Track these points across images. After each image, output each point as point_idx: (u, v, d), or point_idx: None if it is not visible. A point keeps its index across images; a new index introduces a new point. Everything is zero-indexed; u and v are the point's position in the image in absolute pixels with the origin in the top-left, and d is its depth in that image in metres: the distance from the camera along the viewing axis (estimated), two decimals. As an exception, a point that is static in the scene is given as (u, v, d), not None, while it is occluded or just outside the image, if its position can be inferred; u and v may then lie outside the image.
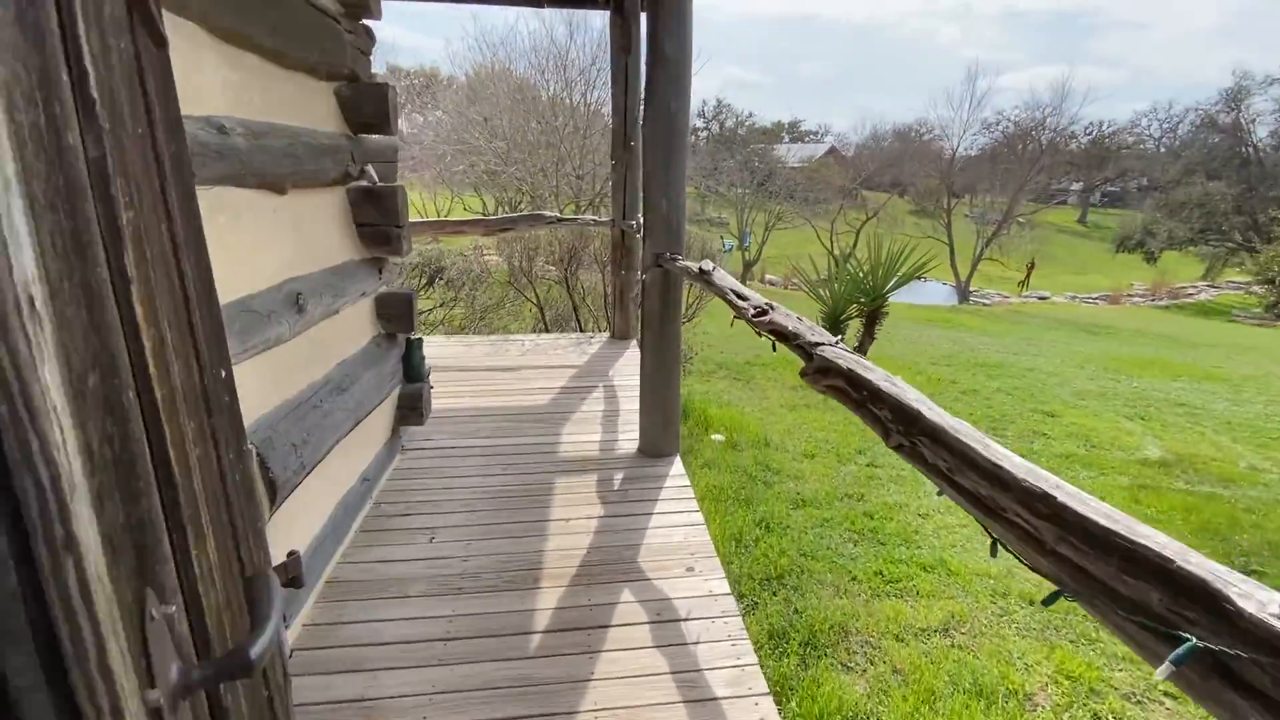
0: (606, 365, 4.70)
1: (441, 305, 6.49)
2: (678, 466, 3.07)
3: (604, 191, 15.17)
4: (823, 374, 1.50)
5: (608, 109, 15.52)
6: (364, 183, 2.74)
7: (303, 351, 2.14)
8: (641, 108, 4.85)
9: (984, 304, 21.89)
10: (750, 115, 37.84)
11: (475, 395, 4.05)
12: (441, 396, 3.99)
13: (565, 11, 15.49)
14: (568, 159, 14.79)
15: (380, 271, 2.88)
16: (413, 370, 3.12)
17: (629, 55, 4.51)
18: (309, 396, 2.13)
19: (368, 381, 2.61)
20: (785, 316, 1.82)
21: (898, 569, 3.23)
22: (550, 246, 6.05)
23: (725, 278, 2.31)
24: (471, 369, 4.56)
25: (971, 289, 24.54)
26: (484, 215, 19.71)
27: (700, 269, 2.48)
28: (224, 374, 0.87)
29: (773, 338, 1.86)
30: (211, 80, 1.67)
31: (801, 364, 1.61)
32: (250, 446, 1.83)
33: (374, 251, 2.79)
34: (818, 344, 1.55)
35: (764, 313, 1.91)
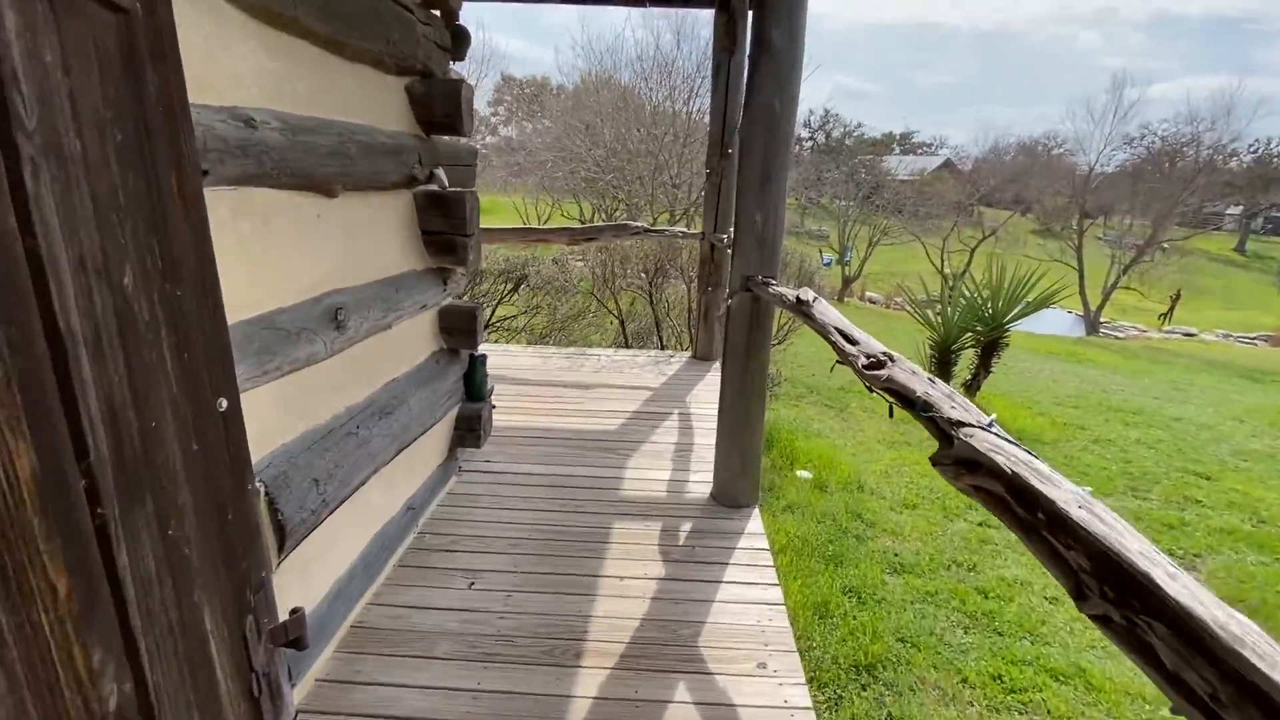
0: (684, 389, 4.33)
1: (524, 313, 6.37)
2: (755, 522, 2.65)
3: (699, 201, 14.85)
4: (967, 469, 1.07)
5: (708, 118, 15.25)
6: (433, 187, 2.54)
7: (341, 371, 1.93)
8: (740, 114, 4.47)
9: (1116, 337, 19.60)
10: (859, 125, 36.25)
11: (543, 413, 3.81)
12: (509, 411, 3.78)
13: (674, 19, 15.35)
14: (666, 167, 14.59)
15: (445, 283, 2.67)
16: (474, 389, 2.89)
17: (733, 55, 4.14)
18: (344, 422, 1.91)
19: (419, 403, 2.39)
20: (912, 376, 1.39)
21: (1021, 674, 2.64)
22: (636, 258, 5.78)
23: (828, 311, 1.89)
24: (543, 383, 4.34)
25: (1102, 319, 22.09)
26: (580, 222, 19.96)
27: (798, 298, 2.07)
28: (225, 404, 0.80)
29: (890, 399, 1.43)
30: (241, 66, 1.46)
31: (917, 431, 1.19)
32: (258, 484, 1.63)
33: (439, 261, 2.58)
34: (960, 424, 1.12)
35: (879, 365, 1.49)
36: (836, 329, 1.78)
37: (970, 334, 8.25)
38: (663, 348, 6.01)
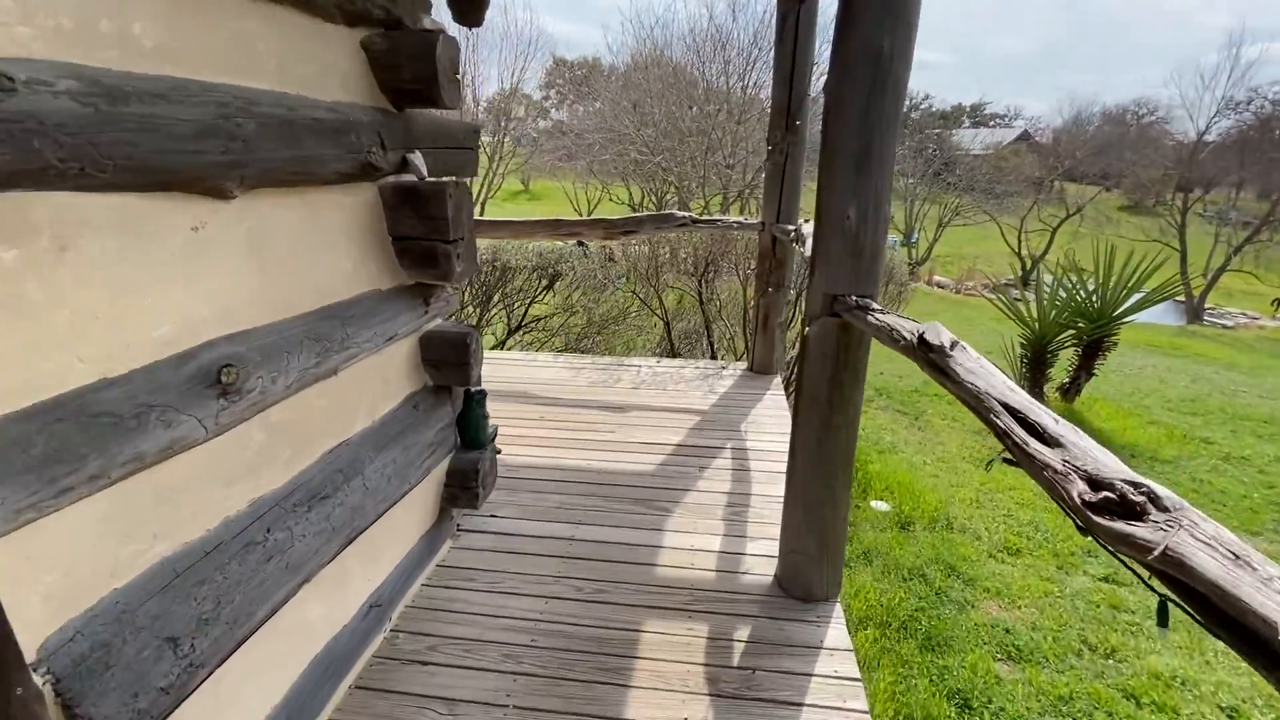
0: (739, 413, 3.62)
1: (559, 313, 5.75)
2: (837, 629, 1.94)
3: (755, 184, 13.91)
4: None
5: (765, 93, 14.25)
6: (407, 178, 1.91)
7: (239, 453, 1.33)
8: (813, 77, 3.68)
9: (1224, 326, 17.53)
10: (926, 97, 33.87)
11: (568, 444, 3.18)
12: (526, 442, 3.17)
13: (727, -14, 14.33)
14: (719, 147, 13.69)
15: (427, 303, 2.05)
16: (471, 435, 2.28)
17: (803, 1, 3.35)
18: (244, 528, 1.32)
19: (383, 470, 1.79)
20: (1220, 556, 0.67)
21: None
22: (685, 252, 5.06)
23: (992, 376, 1.15)
24: (571, 403, 3.71)
25: (1205, 305, 19.90)
26: (630, 207, 19.28)
27: (922, 339, 1.34)
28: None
29: (1169, 592, 0.72)
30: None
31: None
32: (40, 680, 1.04)
33: (416, 275, 1.96)
34: None
35: (1131, 510, 0.77)
36: (1007, 407, 1.05)
37: (1071, 331, 7.17)
38: (713, 355, 5.29)
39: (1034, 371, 7.10)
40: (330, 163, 1.56)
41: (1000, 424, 1.07)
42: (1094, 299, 7.10)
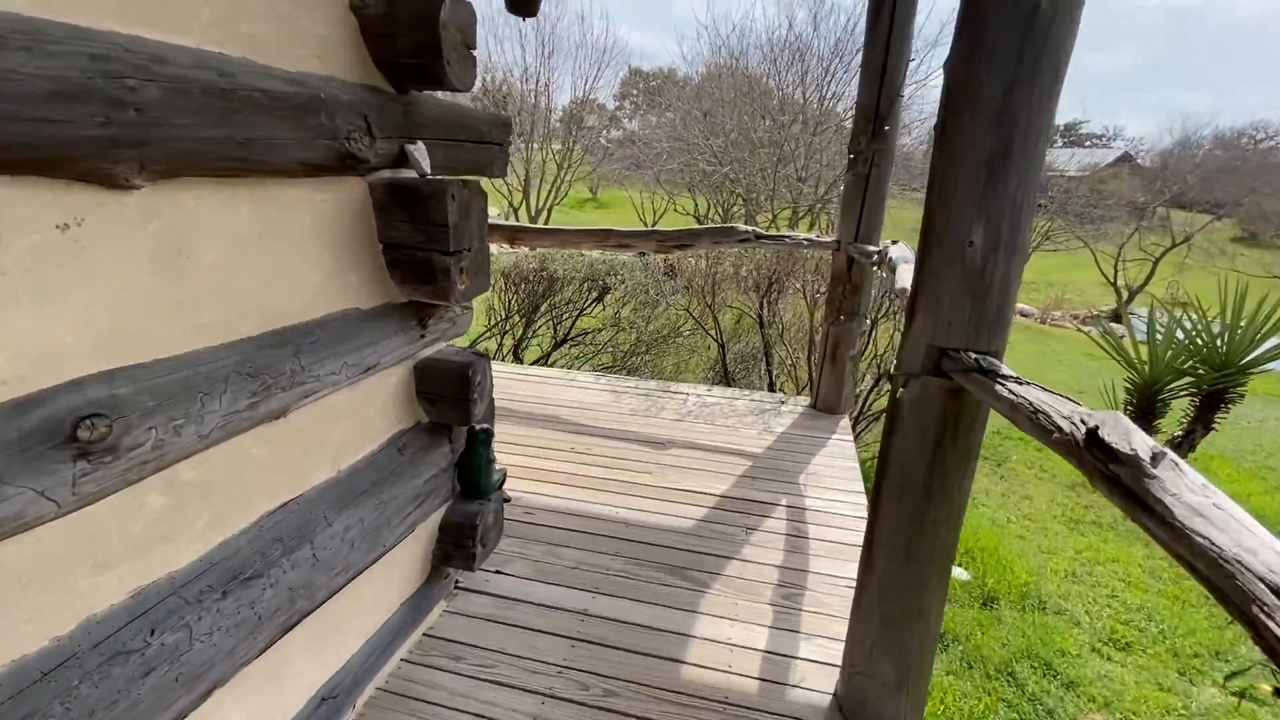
0: (798, 460, 3.13)
1: (607, 327, 5.39)
2: (919, 788, 1.46)
3: (828, 198, 13.26)
4: None
5: (843, 105, 13.60)
6: (407, 173, 1.58)
7: (114, 528, 0.99)
8: (908, 69, 3.17)
9: (1360, 376, 15.43)
10: (1016, 113, 31.80)
11: (595, 485, 2.79)
12: (548, 478, 2.80)
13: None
14: (791, 159, 13.13)
15: (423, 325, 1.70)
16: (473, 481, 1.92)
17: (900, -14, 2.87)
18: (101, 638, 0.97)
19: (343, 534, 1.43)
20: None
21: None
22: (747, 268, 4.60)
23: (1248, 530, 0.68)
24: (608, 433, 3.32)
25: (1336, 352, 17.66)
26: (696, 218, 18.89)
27: (1095, 438, 0.87)
28: None
29: None
30: None
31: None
32: None
33: (410, 292, 1.61)
34: None
35: None
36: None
37: (1188, 378, 6.25)
38: (771, 385, 4.79)
39: (1140, 422, 6.21)
40: (289, 149, 1.22)
41: (1274, 627, 0.60)
42: (1220, 342, 6.18)
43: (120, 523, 1.00)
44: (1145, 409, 6.35)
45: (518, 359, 5.52)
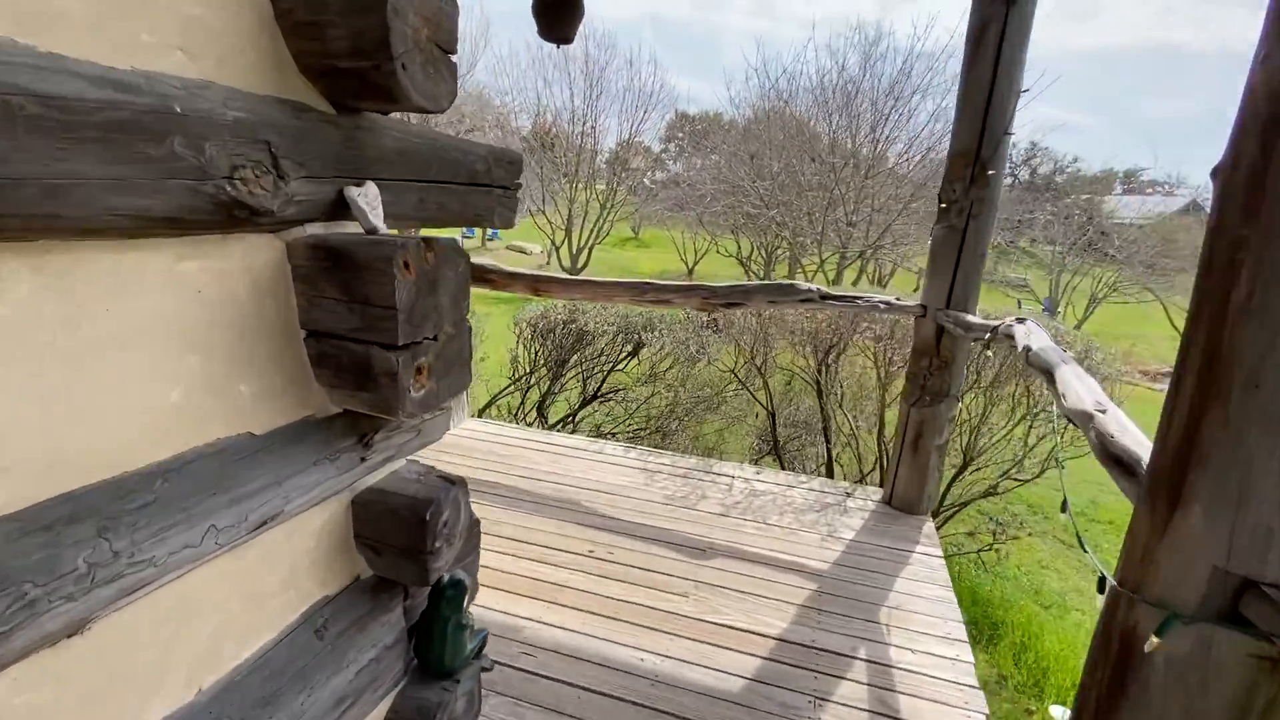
0: (876, 584, 2.47)
1: (642, 382, 4.84)
2: None
3: (879, 244, 12.63)
4: None
5: (894, 149, 13.02)
6: (345, 229, 1.07)
7: None
8: (1016, 107, 2.60)
9: None
10: (1075, 160, 30.75)
11: (617, 613, 2.19)
12: (559, 600, 2.21)
13: (862, 43, 13.45)
14: (840, 203, 12.59)
15: (366, 443, 1.17)
16: (436, 656, 1.35)
17: (1013, 3, 2.33)
18: None
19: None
20: None
21: None
22: (809, 324, 3.99)
23: None
24: (634, 532, 2.73)
25: None
26: (738, 261, 18.41)
27: None
28: None
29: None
30: None
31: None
32: None
33: (341, 399, 1.09)
34: None
35: None
36: None
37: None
38: (830, 466, 4.12)
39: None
40: (119, 194, 0.71)
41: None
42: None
43: None
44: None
45: (541, 416, 5.00)
